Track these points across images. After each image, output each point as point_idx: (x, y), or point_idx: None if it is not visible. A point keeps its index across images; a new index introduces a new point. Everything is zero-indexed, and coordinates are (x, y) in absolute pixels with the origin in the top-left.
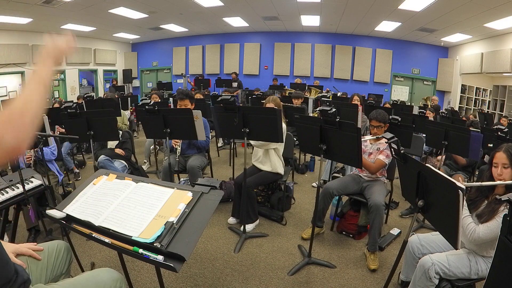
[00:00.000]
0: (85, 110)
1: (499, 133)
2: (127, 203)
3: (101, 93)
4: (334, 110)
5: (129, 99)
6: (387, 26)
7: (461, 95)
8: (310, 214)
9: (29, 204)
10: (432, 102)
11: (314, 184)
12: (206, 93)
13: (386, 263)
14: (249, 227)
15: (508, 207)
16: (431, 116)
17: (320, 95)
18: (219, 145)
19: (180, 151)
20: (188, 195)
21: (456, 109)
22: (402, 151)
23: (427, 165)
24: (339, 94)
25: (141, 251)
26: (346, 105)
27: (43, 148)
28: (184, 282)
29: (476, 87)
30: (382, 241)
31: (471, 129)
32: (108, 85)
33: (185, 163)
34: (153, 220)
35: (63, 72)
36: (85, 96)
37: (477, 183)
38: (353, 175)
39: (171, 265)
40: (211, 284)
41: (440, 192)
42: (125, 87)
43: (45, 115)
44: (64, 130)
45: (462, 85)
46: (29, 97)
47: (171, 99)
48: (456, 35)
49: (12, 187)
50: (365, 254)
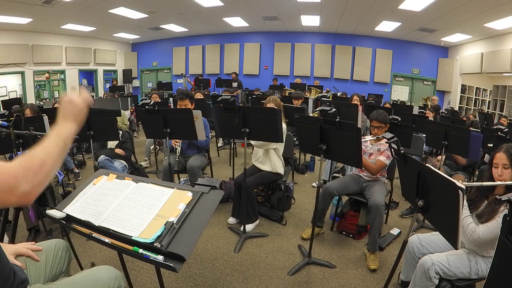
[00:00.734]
0: None
1: (499, 133)
2: (127, 203)
3: (101, 93)
4: (334, 110)
5: (129, 99)
6: (387, 26)
7: (461, 95)
8: (310, 214)
9: (29, 204)
10: (432, 102)
11: (314, 184)
12: (206, 93)
13: (386, 263)
14: (249, 227)
15: (508, 207)
16: (431, 116)
17: (320, 95)
18: (219, 145)
19: (180, 151)
20: (188, 195)
21: (456, 109)
22: (402, 151)
23: (427, 165)
24: (339, 94)
25: (141, 251)
26: (346, 105)
27: None
28: (184, 282)
29: (476, 87)
30: (382, 241)
31: (471, 129)
32: (108, 85)
33: (185, 163)
34: (153, 220)
35: (63, 72)
36: None
37: (477, 183)
38: (353, 175)
39: (171, 265)
40: (211, 284)
41: (440, 192)
42: (125, 87)
43: (45, 115)
44: None
45: (462, 85)
46: (50, 150)
47: (171, 99)
48: (456, 35)
49: None
50: (365, 254)
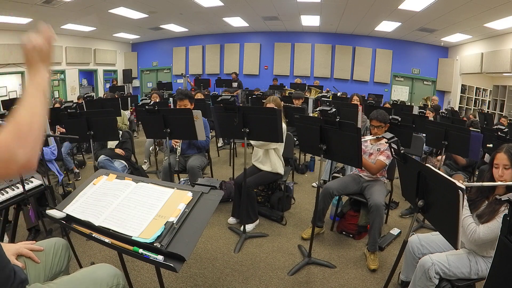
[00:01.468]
0: (85, 110)
1: (499, 133)
2: (127, 203)
3: (101, 93)
4: (334, 110)
5: (129, 99)
6: (387, 26)
7: (461, 95)
8: (310, 214)
9: (29, 204)
10: (432, 102)
11: (314, 184)
12: (206, 93)
13: (386, 263)
14: (249, 227)
15: (508, 207)
16: (431, 116)
17: (320, 95)
18: (219, 145)
19: (180, 151)
20: (188, 195)
21: (456, 109)
22: (402, 151)
23: (427, 165)
24: (339, 94)
25: (141, 251)
26: (346, 105)
27: (43, 148)
28: (184, 282)
29: (476, 87)
30: (382, 241)
31: (471, 129)
32: (108, 85)
33: (185, 163)
34: (153, 220)
35: (63, 72)
36: (85, 96)
37: (477, 183)
38: (353, 175)
39: (171, 265)
40: (211, 284)
41: (440, 192)
42: (125, 87)
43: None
44: (64, 130)
45: (462, 85)
46: (33, 109)
47: (171, 99)
48: (456, 35)
49: (12, 187)
50: (365, 254)
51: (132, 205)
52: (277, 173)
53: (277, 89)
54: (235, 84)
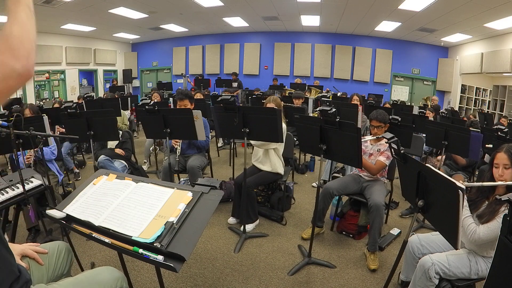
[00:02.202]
0: (85, 110)
1: (499, 133)
2: (127, 203)
3: (101, 93)
4: (334, 110)
5: (129, 99)
6: (387, 26)
7: (461, 95)
8: (310, 214)
9: (29, 204)
10: (432, 102)
11: (314, 184)
12: (206, 93)
13: (386, 263)
14: (249, 227)
15: (508, 207)
16: (431, 116)
17: (320, 95)
18: (219, 145)
19: (180, 151)
20: (188, 195)
21: (456, 109)
22: (402, 151)
23: (427, 165)
24: (339, 94)
25: (141, 251)
26: (346, 105)
27: (43, 148)
28: (184, 282)
29: (476, 87)
30: (382, 241)
31: (471, 129)
32: (108, 85)
33: (185, 163)
34: (153, 220)
35: (63, 72)
36: (85, 96)
37: (477, 184)
38: (353, 175)
39: (171, 265)
40: (211, 284)
41: (440, 192)
42: (125, 87)
43: (45, 115)
44: (64, 130)
45: (462, 85)
46: (20, 22)
47: (171, 99)
48: (456, 35)
49: (12, 187)
50: (365, 254)
51: (132, 205)
52: (277, 173)
53: (277, 89)
54: (235, 84)
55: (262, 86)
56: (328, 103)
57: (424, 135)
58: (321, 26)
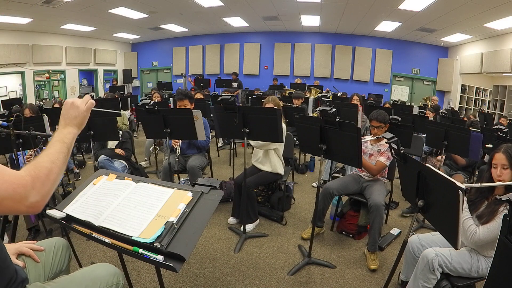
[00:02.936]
0: None
1: (499, 133)
2: (127, 203)
3: (101, 93)
4: (334, 110)
5: (129, 99)
6: (387, 26)
7: (461, 95)
8: (310, 214)
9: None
10: (432, 102)
11: (314, 184)
12: (206, 93)
13: (386, 263)
14: (249, 227)
15: (508, 207)
16: (431, 116)
17: (320, 95)
18: (219, 145)
19: (180, 151)
20: (188, 195)
21: (456, 109)
22: (402, 151)
23: (427, 165)
24: (339, 94)
25: (141, 251)
26: (346, 105)
27: (43, 148)
28: (184, 282)
29: (476, 87)
30: (382, 241)
31: (471, 129)
32: (108, 85)
33: (185, 163)
34: (153, 220)
35: (63, 72)
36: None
37: (477, 184)
38: (353, 175)
39: (171, 265)
40: (211, 284)
41: (440, 192)
42: (125, 87)
43: (44, 115)
44: None
45: (462, 85)
46: (55, 158)
47: (171, 99)
48: (456, 35)
49: None
50: (365, 254)
51: (132, 205)
52: (277, 173)
53: (277, 89)
54: (235, 84)
55: (262, 86)
56: (328, 103)
57: (424, 135)
58: (321, 26)
